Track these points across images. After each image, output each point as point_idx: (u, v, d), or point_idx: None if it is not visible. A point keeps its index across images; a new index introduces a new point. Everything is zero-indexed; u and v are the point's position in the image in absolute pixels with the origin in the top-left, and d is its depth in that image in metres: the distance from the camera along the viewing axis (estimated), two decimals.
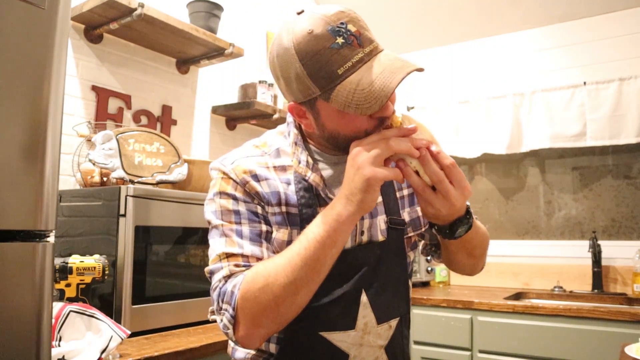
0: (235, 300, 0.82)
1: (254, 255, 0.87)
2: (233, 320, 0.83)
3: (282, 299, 0.80)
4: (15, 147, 0.82)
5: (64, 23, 0.90)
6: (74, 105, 1.92)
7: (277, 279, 0.80)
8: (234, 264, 0.86)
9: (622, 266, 2.63)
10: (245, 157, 0.95)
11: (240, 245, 0.88)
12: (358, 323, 0.91)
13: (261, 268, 0.83)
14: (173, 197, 1.65)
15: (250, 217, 0.90)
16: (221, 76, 2.59)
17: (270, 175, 0.93)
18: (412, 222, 1.00)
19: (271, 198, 0.91)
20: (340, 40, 0.79)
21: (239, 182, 0.91)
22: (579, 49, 2.84)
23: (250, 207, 0.91)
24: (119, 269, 1.49)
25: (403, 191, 1.01)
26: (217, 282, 0.86)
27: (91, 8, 1.82)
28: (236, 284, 0.83)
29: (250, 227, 0.89)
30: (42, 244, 0.86)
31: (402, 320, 0.98)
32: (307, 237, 0.80)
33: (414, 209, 1.01)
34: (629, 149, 2.75)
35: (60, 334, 1.14)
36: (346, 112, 0.81)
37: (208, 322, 1.72)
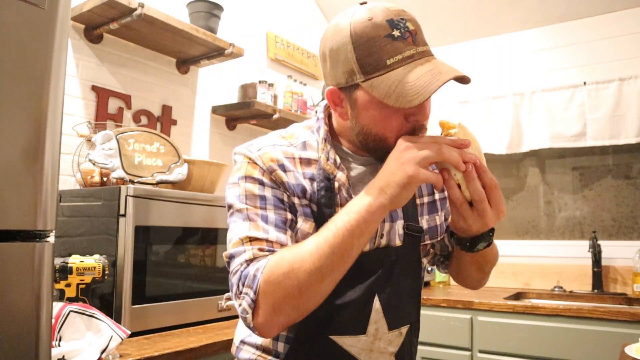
0: (258, 284, 0.79)
1: (279, 241, 0.85)
2: (253, 304, 0.80)
3: (306, 286, 0.78)
4: (15, 147, 0.82)
5: (64, 23, 0.90)
6: (74, 105, 1.92)
7: (302, 265, 0.77)
8: (257, 248, 0.83)
9: (622, 266, 2.63)
10: (272, 145, 0.92)
11: (266, 230, 0.85)
12: (369, 328, 0.90)
13: (287, 253, 0.80)
14: (173, 197, 1.65)
15: (276, 203, 0.88)
16: (221, 76, 2.59)
17: (295, 168, 0.91)
18: (429, 230, 1.00)
19: (297, 190, 0.89)
20: (397, 33, 0.80)
21: (266, 169, 0.89)
22: (579, 49, 2.84)
23: (276, 194, 0.88)
24: (119, 269, 1.49)
25: (423, 198, 1.01)
26: (239, 265, 0.83)
27: (91, 8, 1.82)
28: (259, 268, 0.80)
29: (275, 214, 0.87)
30: (42, 244, 0.86)
31: (412, 328, 0.97)
32: (335, 224, 0.78)
33: (432, 217, 1.00)
34: (629, 149, 2.75)
35: (60, 334, 1.14)
36: (385, 103, 0.80)
37: (208, 322, 1.72)
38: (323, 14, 3.39)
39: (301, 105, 2.77)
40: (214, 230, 1.80)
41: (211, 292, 1.75)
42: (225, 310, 1.79)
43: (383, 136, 0.86)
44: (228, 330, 1.61)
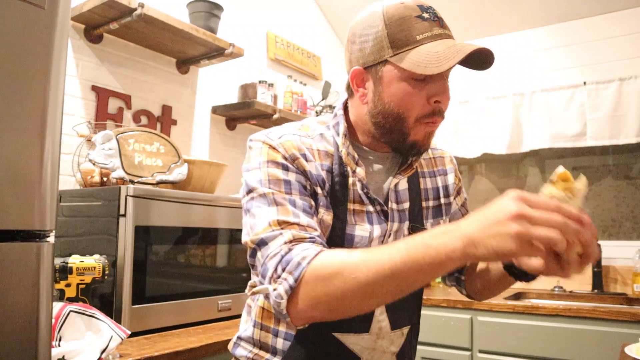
0: (301, 272, 0.74)
1: (311, 226, 0.81)
2: (290, 291, 0.74)
3: (350, 294, 0.72)
4: (15, 147, 0.82)
5: (64, 23, 0.90)
6: (74, 105, 1.92)
7: (354, 272, 0.71)
8: (297, 229, 0.79)
9: (622, 266, 2.63)
10: (292, 134, 0.90)
11: (296, 214, 0.81)
12: (372, 327, 0.90)
13: (342, 254, 0.74)
14: (173, 197, 1.65)
15: (301, 189, 0.85)
16: (221, 76, 2.59)
17: (312, 158, 0.89)
18: None
19: (318, 180, 0.88)
20: (426, 15, 0.85)
21: (288, 156, 0.86)
22: (579, 49, 2.84)
23: (300, 180, 0.86)
24: (119, 269, 1.49)
25: (429, 202, 1.01)
26: (278, 248, 0.77)
27: (91, 8, 1.82)
28: (306, 257, 0.75)
29: (302, 199, 0.84)
30: (42, 244, 0.86)
31: (412, 329, 0.97)
32: (408, 250, 0.69)
33: (437, 221, 1.01)
34: (629, 149, 2.75)
35: (60, 334, 1.14)
36: (414, 72, 0.82)
37: (208, 322, 1.72)
38: (323, 14, 3.39)
39: (301, 105, 2.77)
40: (214, 230, 1.80)
41: (211, 292, 1.75)
42: (225, 311, 1.79)
43: (403, 115, 0.87)
44: (228, 330, 1.61)
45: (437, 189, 1.03)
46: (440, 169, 1.05)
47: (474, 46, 0.81)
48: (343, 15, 3.37)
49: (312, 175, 0.87)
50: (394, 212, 0.93)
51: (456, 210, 1.07)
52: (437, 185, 1.04)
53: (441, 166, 1.06)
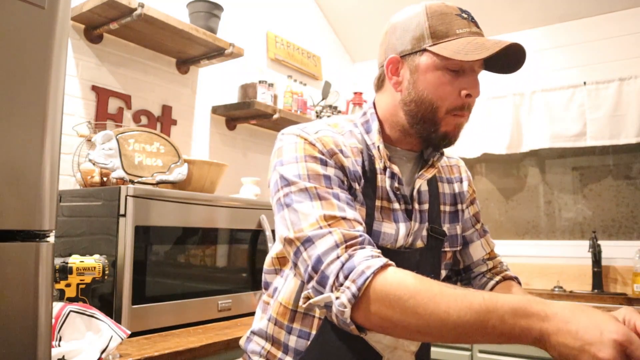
0: (366, 282, 0.71)
1: (357, 219, 0.80)
2: (354, 300, 0.71)
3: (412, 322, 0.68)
4: (15, 146, 0.82)
5: (64, 23, 0.90)
6: (74, 105, 1.92)
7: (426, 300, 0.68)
8: (346, 229, 0.77)
9: (622, 266, 2.63)
10: (326, 130, 0.91)
11: (342, 208, 0.80)
12: None
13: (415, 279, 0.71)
14: (173, 197, 1.65)
15: (340, 184, 0.85)
16: (221, 76, 2.59)
17: (348, 153, 0.90)
18: (450, 237, 1.02)
19: (356, 176, 0.88)
20: (465, 15, 0.90)
21: (326, 152, 0.86)
22: (579, 49, 2.84)
23: (338, 175, 0.86)
24: (119, 269, 1.49)
25: (446, 207, 1.03)
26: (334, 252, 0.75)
27: (91, 8, 1.82)
28: (371, 267, 0.72)
29: (342, 192, 0.83)
30: (42, 244, 0.86)
31: None
32: (496, 308, 0.64)
33: (453, 226, 1.03)
34: (629, 149, 2.75)
35: (60, 334, 1.14)
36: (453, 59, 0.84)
37: (208, 322, 1.72)
38: (323, 14, 3.39)
39: (301, 105, 2.77)
40: (214, 230, 1.80)
41: (211, 292, 1.75)
42: (225, 311, 1.79)
43: (436, 104, 0.88)
44: (228, 330, 1.61)
45: (453, 195, 1.05)
46: (456, 176, 1.08)
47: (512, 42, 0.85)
48: (343, 15, 3.37)
49: (349, 171, 0.88)
50: (416, 212, 0.95)
51: (467, 219, 1.09)
52: (453, 192, 1.06)
53: (457, 174, 1.09)
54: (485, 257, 1.10)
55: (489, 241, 1.13)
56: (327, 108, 3.00)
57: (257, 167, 2.75)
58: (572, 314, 0.60)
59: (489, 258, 1.10)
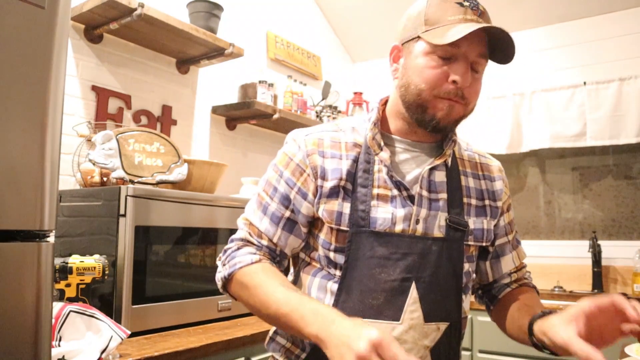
0: (233, 271, 0.93)
1: (266, 234, 0.97)
2: (224, 280, 0.96)
3: (250, 306, 0.93)
4: (15, 147, 0.82)
5: (64, 23, 0.90)
6: (74, 105, 1.92)
7: (254, 295, 0.90)
8: (248, 232, 0.98)
9: (622, 266, 2.63)
10: (320, 131, 1.01)
11: (261, 220, 0.98)
12: (404, 316, 0.90)
13: (259, 276, 0.91)
14: (173, 197, 1.65)
15: (282, 200, 0.97)
16: (221, 76, 2.58)
17: (338, 153, 0.97)
18: (475, 231, 0.99)
19: (329, 173, 0.95)
20: (467, 3, 0.91)
21: (306, 151, 0.97)
22: (579, 49, 2.84)
23: (289, 192, 0.97)
24: (119, 269, 1.49)
25: (471, 200, 1.02)
26: (234, 242, 0.98)
27: (91, 8, 1.82)
28: (242, 262, 0.93)
29: (276, 207, 0.98)
30: (42, 244, 0.86)
31: (452, 327, 0.95)
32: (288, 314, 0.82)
33: (480, 220, 1.01)
34: (629, 149, 2.75)
35: (60, 334, 1.14)
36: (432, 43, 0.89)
37: (208, 322, 1.73)
38: (323, 14, 3.39)
39: (301, 105, 2.77)
40: (214, 230, 1.80)
41: (211, 292, 1.75)
42: (225, 311, 1.79)
43: (420, 87, 0.92)
44: (228, 330, 1.61)
45: (480, 191, 1.04)
46: (486, 174, 1.07)
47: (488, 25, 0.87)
48: (343, 15, 3.37)
49: (322, 169, 0.96)
50: (422, 199, 0.95)
51: (501, 227, 1.07)
52: (481, 188, 1.04)
53: (487, 172, 1.08)
54: (512, 270, 1.08)
55: (520, 253, 1.10)
56: (327, 108, 3.00)
57: (257, 167, 2.75)
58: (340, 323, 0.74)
59: (516, 271, 1.08)
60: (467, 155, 1.06)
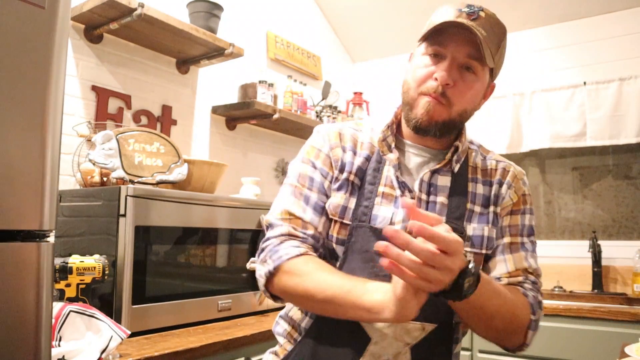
0: (280, 263, 0.92)
1: (312, 223, 0.98)
2: (269, 274, 0.93)
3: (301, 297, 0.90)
4: (15, 147, 0.82)
5: (64, 23, 0.90)
6: (74, 105, 1.92)
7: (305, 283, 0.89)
8: (292, 227, 0.97)
9: (622, 266, 2.63)
10: (341, 127, 1.07)
11: (304, 210, 0.98)
12: None
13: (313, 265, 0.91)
14: (173, 197, 1.65)
15: (320, 188, 1.01)
16: (221, 76, 2.59)
17: (354, 149, 1.03)
18: (473, 237, 0.98)
19: (346, 166, 1.01)
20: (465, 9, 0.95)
21: (330, 144, 1.03)
22: (579, 49, 2.84)
23: (323, 180, 1.01)
24: (119, 269, 1.49)
25: (475, 206, 1.01)
26: (275, 238, 0.96)
27: (91, 8, 1.82)
28: (288, 254, 0.92)
29: (317, 197, 1.00)
30: (42, 244, 0.86)
31: (439, 330, 0.93)
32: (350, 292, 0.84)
33: (480, 226, 0.99)
34: (629, 149, 2.75)
35: (60, 334, 1.14)
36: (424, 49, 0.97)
37: (208, 322, 1.73)
38: (323, 14, 3.39)
39: (301, 105, 2.77)
40: (214, 230, 1.80)
41: (211, 292, 1.75)
42: (225, 311, 1.79)
43: (409, 85, 0.99)
44: (228, 330, 1.61)
45: (488, 197, 1.03)
46: (497, 179, 1.05)
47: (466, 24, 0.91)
48: (343, 15, 3.37)
49: (342, 161, 1.02)
50: (420, 202, 0.98)
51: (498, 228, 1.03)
52: (489, 194, 1.03)
53: (499, 177, 1.05)
54: (504, 275, 0.99)
55: (517, 260, 1.01)
56: (327, 108, 3.00)
57: (257, 167, 2.75)
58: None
59: (508, 277, 0.99)
60: (481, 163, 1.07)
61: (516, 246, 1.02)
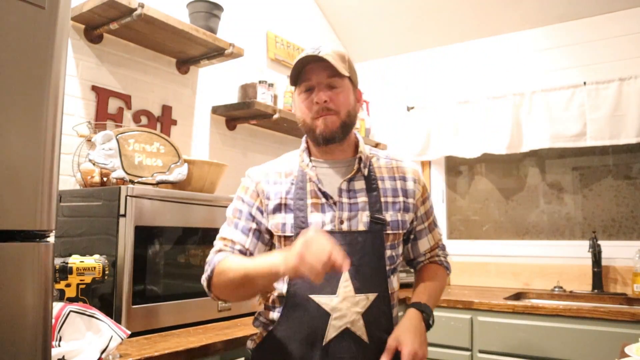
0: (213, 268, 1.22)
1: (239, 242, 1.27)
2: (209, 279, 1.23)
3: (228, 287, 1.20)
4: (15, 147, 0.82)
5: (64, 23, 0.90)
6: (74, 105, 1.92)
7: (229, 273, 1.17)
8: (223, 244, 1.27)
9: (622, 266, 2.63)
10: (265, 166, 1.37)
11: (232, 233, 1.28)
12: (339, 290, 1.18)
13: (229, 261, 1.19)
14: (173, 197, 1.65)
15: (247, 217, 1.29)
16: (221, 76, 2.59)
17: (279, 179, 1.31)
18: (392, 222, 1.27)
19: (272, 195, 1.29)
20: (309, 49, 1.28)
21: (254, 181, 1.32)
22: (579, 49, 2.84)
23: (251, 210, 1.29)
24: (119, 269, 1.49)
25: (387, 198, 1.29)
26: (212, 252, 1.27)
27: (91, 8, 1.82)
28: (218, 260, 1.22)
29: (244, 223, 1.29)
30: (42, 244, 0.86)
31: (380, 297, 1.22)
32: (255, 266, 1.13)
33: (395, 213, 1.28)
34: (629, 149, 2.75)
35: (60, 334, 1.14)
36: (299, 89, 1.32)
37: (208, 322, 1.73)
38: (323, 14, 3.39)
39: None
40: (214, 230, 1.78)
41: None
42: (225, 311, 1.79)
43: (302, 117, 1.30)
44: (228, 331, 1.61)
45: (396, 190, 1.32)
46: (400, 176, 1.35)
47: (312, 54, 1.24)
48: (343, 15, 3.37)
49: (267, 192, 1.29)
50: (343, 204, 1.25)
51: (419, 216, 1.36)
52: (396, 187, 1.32)
53: (402, 174, 1.35)
54: (427, 250, 1.40)
55: (435, 234, 1.41)
56: None
57: None
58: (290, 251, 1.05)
59: (431, 250, 1.41)
60: (384, 163, 1.35)
61: (432, 225, 1.41)
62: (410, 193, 1.32)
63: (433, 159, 3.27)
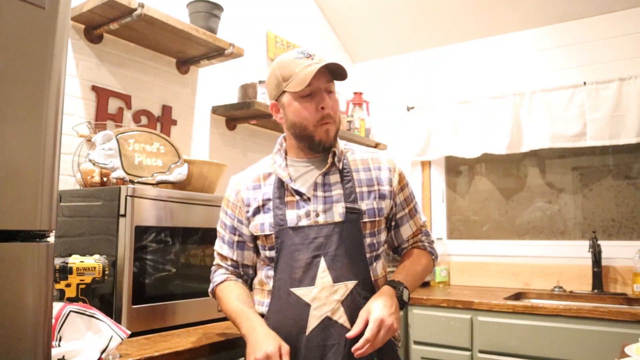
0: (214, 286, 1.44)
1: (228, 256, 1.43)
2: (212, 293, 1.46)
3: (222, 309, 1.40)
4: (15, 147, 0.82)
5: (64, 23, 0.90)
6: (74, 105, 1.92)
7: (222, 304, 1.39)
8: (220, 259, 1.45)
9: (622, 266, 2.63)
10: (244, 173, 1.46)
11: (222, 247, 1.44)
12: (317, 281, 1.25)
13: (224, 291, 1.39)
14: (173, 197, 1.65)
15: (231, 230, 1.42)
16: (221, 76, 2.59)
17: (258, 184, 1.39)
18: (368, 210, 1.32)
19: (251, 200, 1.38)
20: (302, 55, 1.30)
21: (234, 191, 1.43)
22: (579, 49, 2.84)
23: (232, 223, 1.41)
24: (119, 269, 1.49)
25: (362, 188, 1.34)
26: (214, 265, 1.47)
27: (91, 8, 1.82)
28: (220, 280, 1.42)
29: (229, 236, 1.43)
30: (42, 244, 0.86)
31: (360, 284, 1.27)
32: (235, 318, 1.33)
33: (371, 201, 1.33)
34: (629, 149, 2.75)
35: (60, 334, 1.14)
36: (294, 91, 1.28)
37: (208, 322, 1.73)
38: (323, 14, 3.39)
39: None
40: (214, 230, 1.79)
41: None
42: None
43: (303, 124, 1.31)
44: (228, 331, 1.61)
45: (371, 179, 1.37)
46: (375, 166, 1.39)
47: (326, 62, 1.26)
48: (343, 15, 3.37)
49: (247, 199, 1.38)
50: (318, 198, 1.31)
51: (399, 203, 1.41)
52: (371, 177, 1.37)
53: (377, 164, 1.40)
54: (410, 236, 1.45)
55: (417, 220, 1.45)
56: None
57: None
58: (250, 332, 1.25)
59: (413, 236, 1.45)
60: (360, 157, 1.40)
61: (412, 211, 1.44)
62: (386, 180, 1.37)
63: (433, 159, 3.27)
